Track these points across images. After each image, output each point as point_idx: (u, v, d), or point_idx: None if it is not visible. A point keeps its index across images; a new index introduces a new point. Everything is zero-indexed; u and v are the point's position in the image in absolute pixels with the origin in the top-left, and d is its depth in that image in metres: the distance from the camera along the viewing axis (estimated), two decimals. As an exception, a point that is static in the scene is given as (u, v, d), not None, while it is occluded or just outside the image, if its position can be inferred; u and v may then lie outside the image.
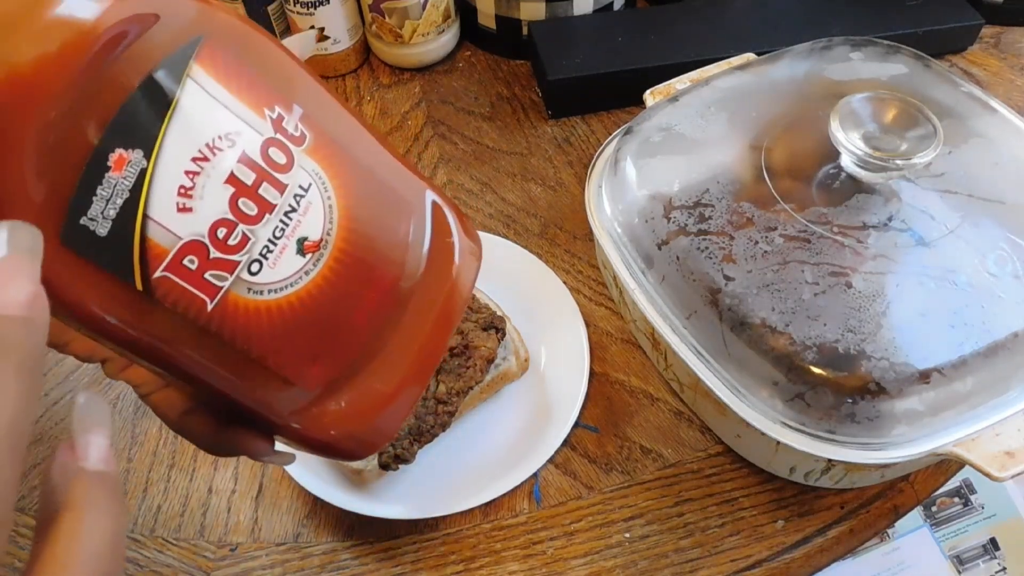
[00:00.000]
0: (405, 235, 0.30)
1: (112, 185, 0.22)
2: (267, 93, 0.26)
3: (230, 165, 0.24)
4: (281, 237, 0.26)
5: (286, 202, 0.26)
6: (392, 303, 0.29)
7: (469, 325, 0.49)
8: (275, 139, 0.25)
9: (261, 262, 0.25)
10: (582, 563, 0.44)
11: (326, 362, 0.28)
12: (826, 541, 0.44)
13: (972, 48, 0.70)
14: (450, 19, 0.71)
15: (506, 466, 0.46)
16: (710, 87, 0.53)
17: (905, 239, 0.42)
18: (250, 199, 0.25)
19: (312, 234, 0.26)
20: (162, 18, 0.23)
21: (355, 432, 0.29)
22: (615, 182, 0.49)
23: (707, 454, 0.48)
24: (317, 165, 0.27)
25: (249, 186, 0.25)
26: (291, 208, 0.26)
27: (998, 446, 0.38)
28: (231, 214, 0.24)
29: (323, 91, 0.29)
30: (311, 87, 0.28)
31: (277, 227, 0.26)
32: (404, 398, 0.30)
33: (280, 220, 0.26)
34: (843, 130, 0.44)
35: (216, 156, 0.24)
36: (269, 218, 0.25)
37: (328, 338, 0.28)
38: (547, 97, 0.67)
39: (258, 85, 0.25)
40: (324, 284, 0.27)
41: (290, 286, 0.26)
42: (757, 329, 0.41)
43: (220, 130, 0.24)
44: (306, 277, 0.27)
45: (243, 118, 0.25)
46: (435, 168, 0.64)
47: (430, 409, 0.46)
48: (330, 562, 0.45)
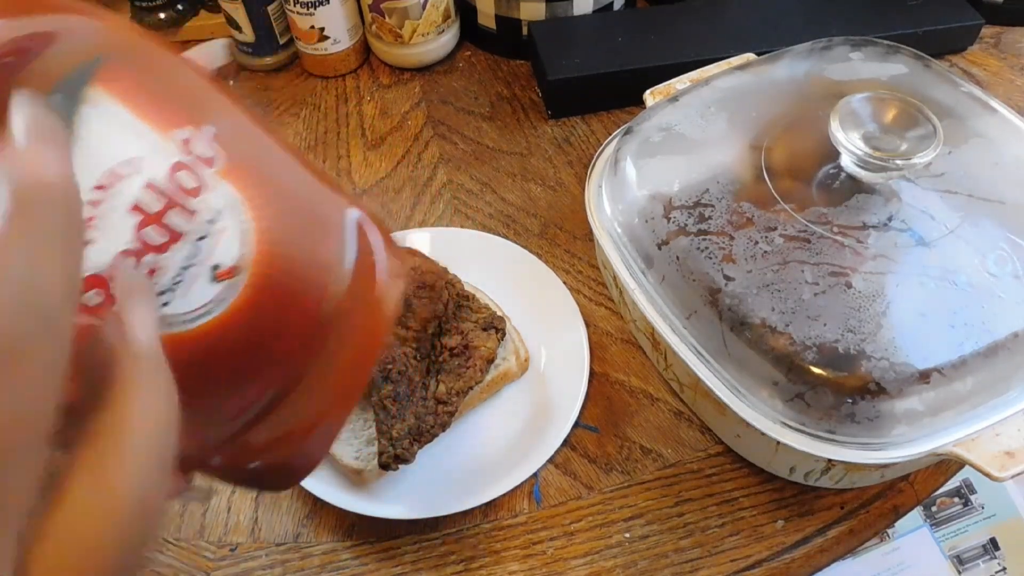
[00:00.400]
0: (327, 256, 0.28)
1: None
2: (174, 114, 0.24)
3: (134, 192, 0.23)
4: (192, 265, 0.24)
5: (197, 228, 0.24)
6: (314, 327, 0.27)
7: (469, 325, 0.49)
8: (183, 162, 0.24)
9: (172, 292, 0.24)
10: (582, 563, 0.44)
11: (247, 392, 0.26)
12: (826, 541, 0.44)
13: (972, 48, 0.70)
14: (450, 19, 0.71)
15: (506, 466, 0.46)
16: (710, 87, 0.53)
17: (905, 239, 0.42)
18: (158, 227, 0.23)
19: (226, 260, 0.25)
20: (58, 38, 0.21)
21: (279, 463, 0.28)
22: (615, 182, 0.49)
23: (707, 454, 0.48)
24: (231, 187, 0.25)
25: (155, 214, 0.23)
26: (203, 235, 0.24)
27: (998, 446, 0.38)
28: (137, 244, 0.23)
29: (237, 109, 0.27)
30: (224, 105, 0.27)
31: (188, 255, 0.24)
32: (329, 425, 0.29)
33: (191, 247, 0.24)
34: (843, 130, 0.44)
35: (118, 184, 0.23)
36: (178, 246, 0.24)
37: (249, 367, 0.26)
38: (547, 97, 0.67)
39: (164, 106, 0.24)
40: (242, 311, 0.25)
41: (205, 315, 0.24)
42: (757, 329, 0.41)
43: (122, 156, 0.23)
44: (222, 305, 0.25)
45: (148, 142, 0.23)
46: (435, 168, 0.64)
47: (430, 409, 0.46)
48: (330, 562, 0.44)
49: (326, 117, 0.69)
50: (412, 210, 0.61)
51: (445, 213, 0.61)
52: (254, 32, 0.70)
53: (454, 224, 0.60)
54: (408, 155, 0.66)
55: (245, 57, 0.73)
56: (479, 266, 0.54)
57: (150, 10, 0.75)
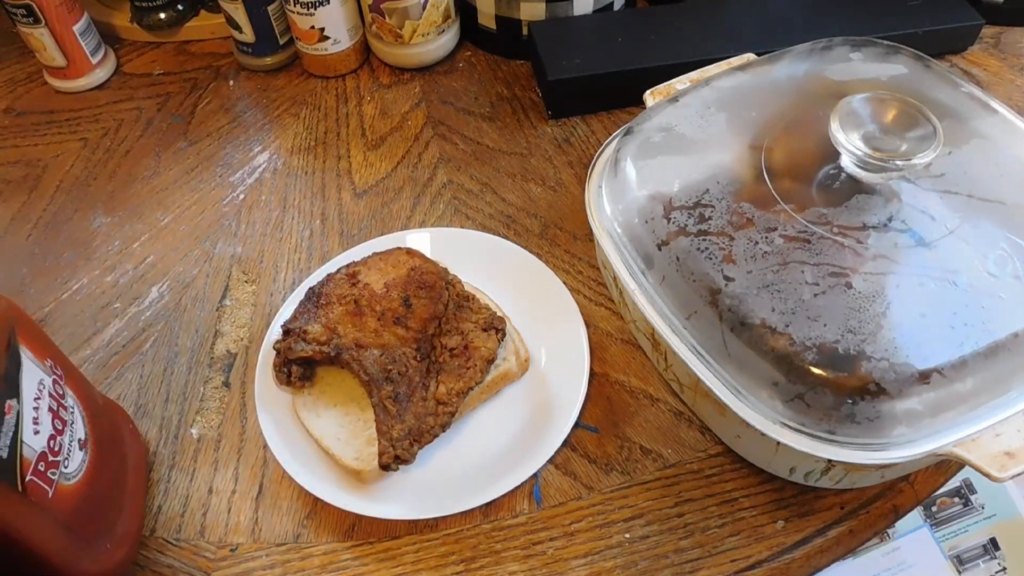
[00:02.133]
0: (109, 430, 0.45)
1: (9, 424, 0.34)
2: (42, 352, 0.39)
3: (47, 399, 0.38)
4: (72, 440, 0.39)
5: (70, 417, 0.40)
6: (122, 472, 0.45)
7: (469, 325, 0.49)
8: (55, 379, 0.40)
9: (68, 459, 0.39)
10: (582, 563, 0.44)
11: (100, 521, 0.41)
12: (826, 541, 0.44)
13: (972, 48, 0.70)
14: (450, 19, 0.71)
15: (506, 466, 0.46)
16: (710, 87, 0.53)
17: (905, 239, 0.42)
18: (58, 419, 0.38)
19: (81, 435, 0.41)
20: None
21: (114, 567, 0.41)
22: (615, 182, 0.49)
23: (707, 454, 0.48)
24: (70, 390, 0.41)
25: (56, 410, 0.38)
26: (71, 420, 0.40)
27: (998, 446, 0.38)
28: (54, 430, 0.38)
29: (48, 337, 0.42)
30: (49, 341, 0.41)
31: (70, 434, 0.39)
32: (136, 536, 0.44)
33: (70, 429, 0.39)
34: (843, 130, 0.44)
35: (41, 394, 0.38)
36: (67, 428, 0.39)
37: (101, 503, 0.41)
38: (547, 97, 0.67)
39: (39, 348, 0.39)
40: (92, 467, 0.40)
41: (80, 472, 0.39)
42: (757, 329, 0.41)
43: (38, 378, 0.38)
44: (85, 464, 0.40)
45: (42, 370, 0.39)
46: (435, 168, 0.64)
47: (430, 409, 0.46)
48: (330, 562, 0.45)
49: (326, 117, 0.69)
50: (412, 210, 0.61)
51: (445, 213, 0.61)
52: (254, 32, 0.70)
53: (454, 224, 0.60)
54: (408, 155, 0.66)
55: (245, 57, 0.73)
56: (479, 266, 0.54)
57: (150, 10, 0.75)
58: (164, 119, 0.70)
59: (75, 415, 0.41)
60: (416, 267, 0.51)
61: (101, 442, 0.42)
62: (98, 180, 0.65)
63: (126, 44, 0.77)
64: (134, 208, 0.63)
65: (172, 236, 0.61)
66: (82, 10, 0.70)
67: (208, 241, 0.61)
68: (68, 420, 0.40)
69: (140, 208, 0.63)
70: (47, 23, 0.67)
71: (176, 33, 0.77)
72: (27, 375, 0.37)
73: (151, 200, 0.64)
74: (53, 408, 0.38)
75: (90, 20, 0.71)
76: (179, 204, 0.63)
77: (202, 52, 0.76)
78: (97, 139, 0.69)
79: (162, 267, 0.59)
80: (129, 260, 0.60)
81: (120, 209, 0.63)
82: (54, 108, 0.72)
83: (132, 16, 0.76)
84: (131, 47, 0.77)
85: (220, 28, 0.75)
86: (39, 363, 0.39)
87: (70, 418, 0.40)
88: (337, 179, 0.64)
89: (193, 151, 0.67)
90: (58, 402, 0.39)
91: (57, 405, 0.39)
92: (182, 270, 0.59)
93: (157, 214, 0.63)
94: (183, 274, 0.59)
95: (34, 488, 0.35)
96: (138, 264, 0.59)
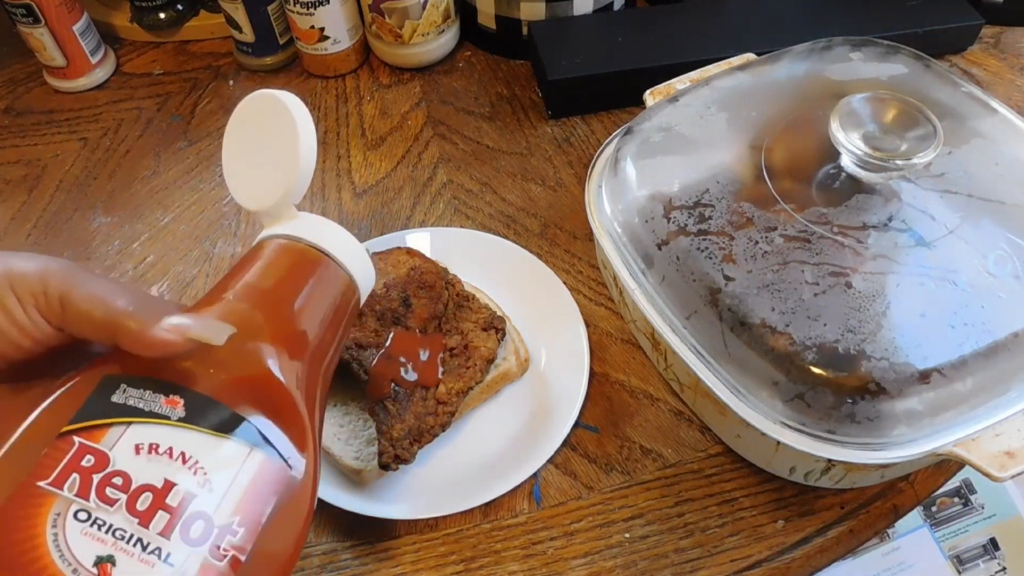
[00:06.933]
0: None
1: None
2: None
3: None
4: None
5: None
6: None
7: (469, 325, 0.49)
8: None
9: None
10: (582, 563, 0.44)
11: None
12: (826, 541, 0.44)
13: (972, 48, 0.70)
14: (450, 19, 0.71)
15: (506, 466, 0.46)
16: (710, 87, 0.53)
17: (905, 239, 0.42)
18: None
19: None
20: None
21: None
22: (615, 182, 0.49)
23: (707, 454, 0.48)
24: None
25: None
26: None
27: (998, 446, 0.38)
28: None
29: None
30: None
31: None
32: None
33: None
34: (843, 130, 0.44)
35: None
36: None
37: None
38: (547, 97, 0.67)
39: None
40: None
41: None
42: (757, 329, 0.41)
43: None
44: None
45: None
46: (435, 168, 0.64)
47: (430, 409, 0.46)
48: (330, 562, 0.44)
49: (326, 117, 0.69)
50: (412, 210, 0.61)
51: (445, 213, 0.61)
52: (254, 32, 0.70)
53: (454, 224, 0.60)
54: (408, 155, 0.66)
55: (245, 57, 0.73)
56: (479, 266, 0.54)
57: (150, 10, 0.75)
58: (164, 119, 0.70)
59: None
60: (416, 267, 0.51)
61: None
62: (98, 180, 0.65)
63: (126, 44, 0.77)
64: (134, 208, 0.63)
65: (172, 236, 0.61)
66: (82, 10, 0.70)
67: (208, 241, 0.61)
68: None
69: (140, 208, 0.63)
70: (47, 23, 0.67)
71: (176, 33, 0.77)
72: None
73: (151, 200, 0.64)
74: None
75: (90, 20, 0.71)
76: (179, 204, 0.63)
77: (202, 52, 0.76)
78: (97, 139, 0.69)
79: (162, 267, 0.59)
80: (129, 260, 0.60)
81: (120, 209, 0.63)
82: (54, 108, 0.72)
83: (132, 16, 0.76)
84: (131, 47, 0.77)
85: (220, 28, 0.75)
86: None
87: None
88: (337, 179, 0.64)
89: (193, 151, 0.67)
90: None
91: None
92: (182, 270, 0.59)
93: (157, 214, 0.63)
94: (183, 274, 0.59)
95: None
96: (138, 264, 0.59)
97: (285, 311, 0.32)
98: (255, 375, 0.29)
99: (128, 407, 0.27)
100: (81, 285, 0.29)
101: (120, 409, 0.27)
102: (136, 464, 0.26)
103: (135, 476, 0.26)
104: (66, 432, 0.26)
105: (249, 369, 0.29)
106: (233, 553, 0.26)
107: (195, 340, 0.28)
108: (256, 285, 0.32)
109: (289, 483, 0.29)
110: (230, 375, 0.29)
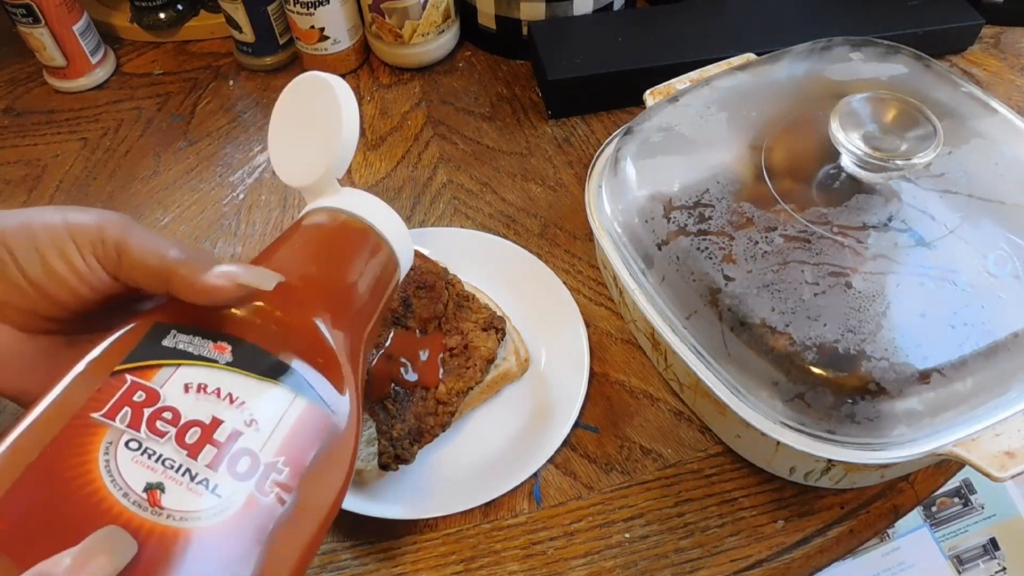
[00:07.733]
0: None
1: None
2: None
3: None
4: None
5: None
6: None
7: (469, 325, 0.49)
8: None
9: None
10: (582, 563, 0.44)
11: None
12: (826, 541, 0.44)
13: (972, 48, 0.70)
14: (450, 19, 0.71)
15: (506, 466, 0.46)
16: (710, 87, 0.53)
17: (905, 239, 0.42)
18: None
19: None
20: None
21: None
22: (615, 182, 0.49)
23: (707, 454, 0.48)
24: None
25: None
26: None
27: (998, 446, 0.38)
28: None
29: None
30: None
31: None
32: None
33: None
34: (843, 130, 0.44)
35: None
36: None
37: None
38: (547, 97, 0.67)
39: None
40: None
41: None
42: (757, 329, 0.41)
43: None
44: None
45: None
46: (435, 168, 0.64)
47: (430, 409, 0.46)
48: (330, 562, 0.44)
49: (326, 117, 0.69)
50: (412, 210, 0.61)
51: (445, 213, 0.61)
52: (254, 32, 0.70)
53: (454, 224, 0.60)
54: (408, 155, 0.66)
55: (245, 57, 0.73)
56: (479, 266, 0.54)
57: (150, 10, 0.75)
58: (164, 119, 0.70)
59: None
60: (416, 267, 0.51)
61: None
62: (98, 180, 0.65)
63: (126, 44, 0.77)
64: (134, 208, 0.63)
65: (172, 236, 0.61)
66: (82, 10, 0.70)
67: (208, 241, 0.61)
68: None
69: (140, 208, 0.63)
70: (47, 23, 0.67)
71: (176, 33, 0.77)
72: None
73: (151, 200, 0.64)
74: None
75: (90, 20, 0.71)
76: (179, 204, 0.63)
77: (202, 52, 0.76)
78: (97, 139, 0.69)
79: (162, 267, 0.59)
80: (129, 260, 0.60)
81: (120, 209, 0.63)
82: (54, 108, 0.72)
83: (132, 16, 0.76)
84: (131, 47, 0.77)
85: (220, 28, 0.75)
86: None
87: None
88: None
89: (193, 151, 0.67)
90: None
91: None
92: (182, 270, 0.59)
93: (157, 214, 0.63)
94: (183, 274, 0.59)
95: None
96: (138, 264, 0.59)
97: (330, 273, 0.33)
98: (301, 327, 0.30)
99: (178, 351, 0.28)
100: (136, 235, 0.31)
101: (170, 352, 0.28)
102: (185, 401, 0.27)
103: (184, 412, 0.27)
104: (119, 371, 0.28)
105: (295, 322, 0.30)
106: (278, 491, 0.27)
107: (244, 286, 0.29)
108: (302, 248, 0.34)
109: (333, 431, 0.29)
110: (276, 327, 0.30)
